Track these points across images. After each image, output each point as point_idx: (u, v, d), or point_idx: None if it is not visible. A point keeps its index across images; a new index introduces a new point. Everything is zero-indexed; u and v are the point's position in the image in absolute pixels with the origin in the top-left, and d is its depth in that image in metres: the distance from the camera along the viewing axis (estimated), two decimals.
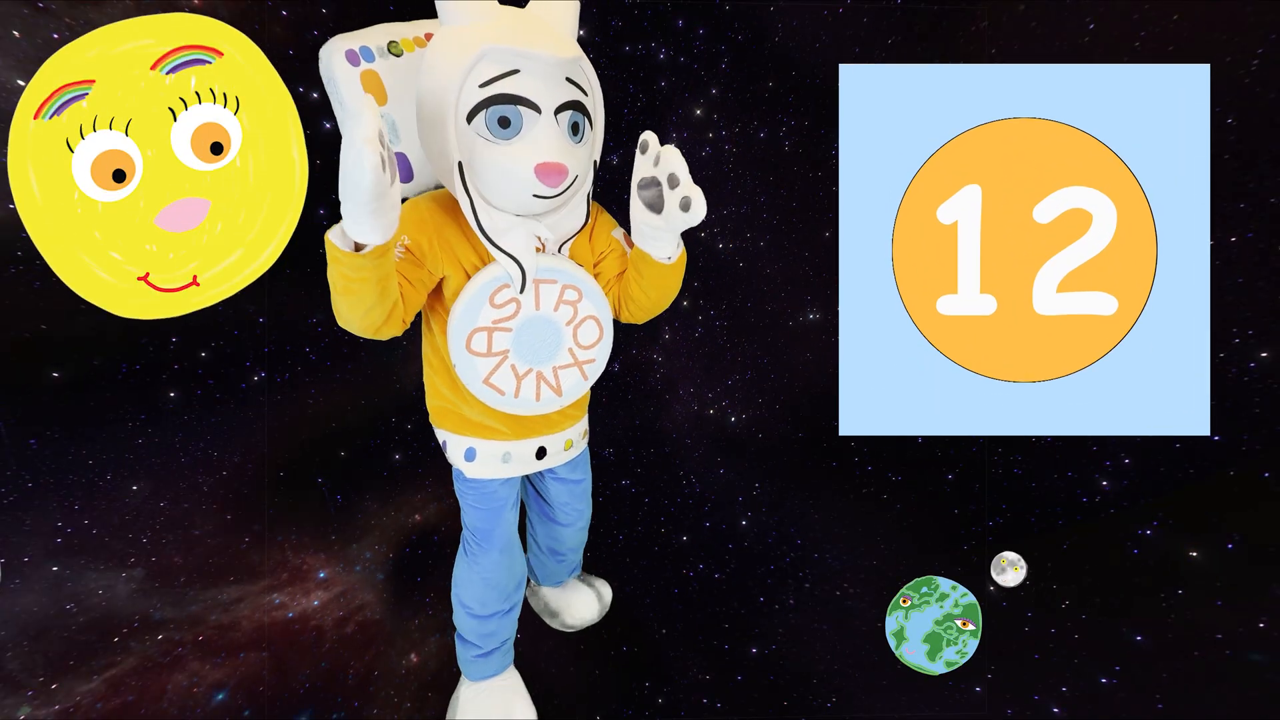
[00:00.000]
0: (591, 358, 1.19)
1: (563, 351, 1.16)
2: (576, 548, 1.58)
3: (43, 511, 1.58)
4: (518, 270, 1.08)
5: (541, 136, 1.03)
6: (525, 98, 1.02)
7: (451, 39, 1.04)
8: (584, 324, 1.16)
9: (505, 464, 1.24)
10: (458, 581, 1.38)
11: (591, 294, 1.16)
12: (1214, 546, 1.71)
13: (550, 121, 1.04)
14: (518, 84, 1.01)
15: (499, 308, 1.10)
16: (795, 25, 1.87)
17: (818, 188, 1.95)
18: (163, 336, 1.66)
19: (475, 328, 1.10)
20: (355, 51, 1.16)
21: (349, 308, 1.01)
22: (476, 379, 1.13)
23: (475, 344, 1.11)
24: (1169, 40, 1.64)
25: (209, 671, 1.74)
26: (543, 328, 1.13)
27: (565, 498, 1.42)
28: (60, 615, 1.60)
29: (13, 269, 1.48)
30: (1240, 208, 1.63)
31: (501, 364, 1.13)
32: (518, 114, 1.02)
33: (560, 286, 1.13)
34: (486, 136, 1.03)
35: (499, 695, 1.41)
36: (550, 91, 1.03)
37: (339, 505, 1.89)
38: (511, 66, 1.01)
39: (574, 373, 1.18)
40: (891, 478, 2.00)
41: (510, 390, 1.15)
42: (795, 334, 2.04)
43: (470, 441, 1.23)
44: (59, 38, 1.39)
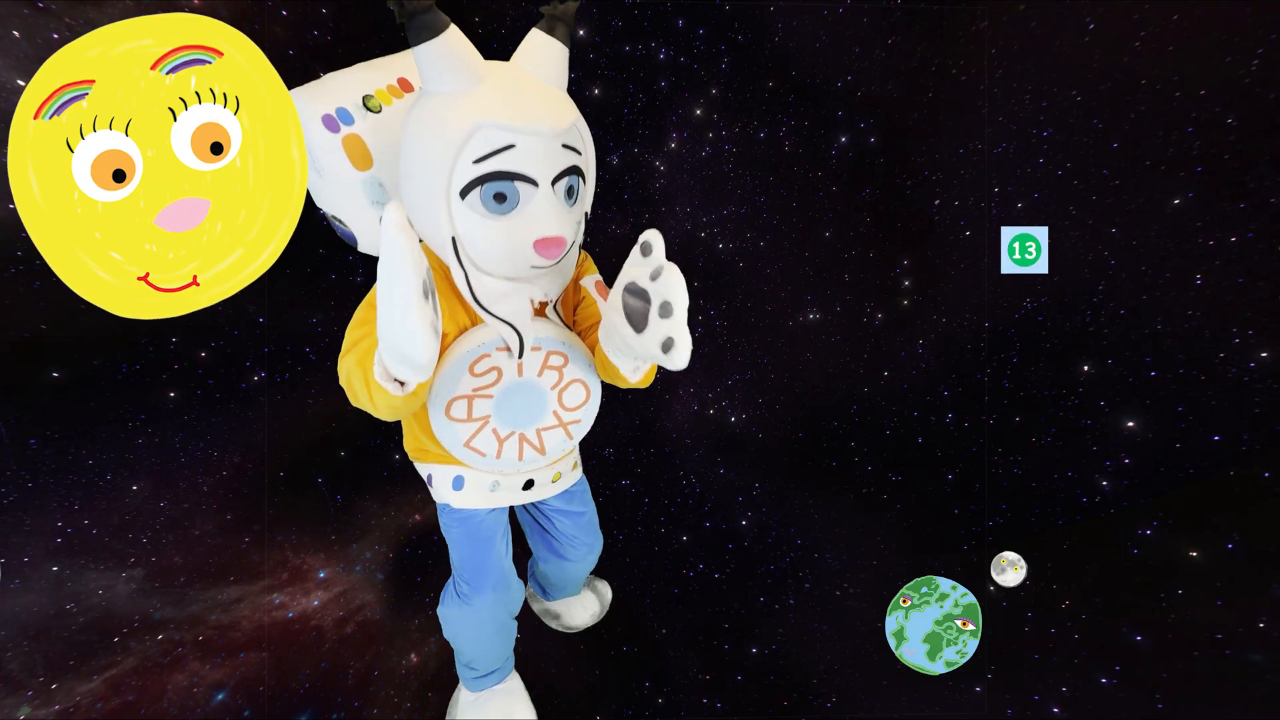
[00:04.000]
0: (577, 419, 1.14)
1: (547, 414, 1.11)
2: (585, 574, 1.54)
3: (43, 511, 1.58)
4: (515, 339, 1.03)
5: (539, 211, 0.97)
6: (522, 174, 0.95)
7: (439, 111, 0.96)
8: (570, 387, 1.11)
9: (494, 493, 1.20)
10: (449, 628, 1.33)
11: (577, 359, 1.10)
12: (1214, 546, 1.71)
13: (548, 193, 0.98)
14: (513, 160, 0.95)
15: (479, 376, 1.05)
16: (795, 25, 1.87)
17: (818, 188, 1.95)
18: (163, 336, 1.66)
19: (455, 396, 1.05)
20: (333, 116, 1.10)
21: (387, 416, 0.99)
22: (457, 443, 1.10)
23: (455, 411, 1.06)
24: (1169, 40, 1.64)
25: (209, 671, 1.74)
26: (526, 393, 1.08)
27: (572, 530, 1.37)
28: (60, 615, 1.60)
29: (13, 269, 1.48)
30: (1240, 208, 1.63)
31: (482, 429, 1.08)
32: (514, 190, 0.96)
33: (545, 353, 1.07)
34: (482, 212, 0.97)
35: (499, 697, 1.40)
36: (547, 162, 0.97)
37: (339, 505, 1.89)
38: (507, 142, 0.94)
39: (558, 433, 1.13)
40: (891, 478, 2.00)
41: (491, 453, 1.11)
42: (795, 334, 2.04)
43: (457, 470, 1.18)
44: (59, 38, 1.40)
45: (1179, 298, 1.70)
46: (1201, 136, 1.65)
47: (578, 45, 1.83)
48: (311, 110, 1.11)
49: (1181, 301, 1.70)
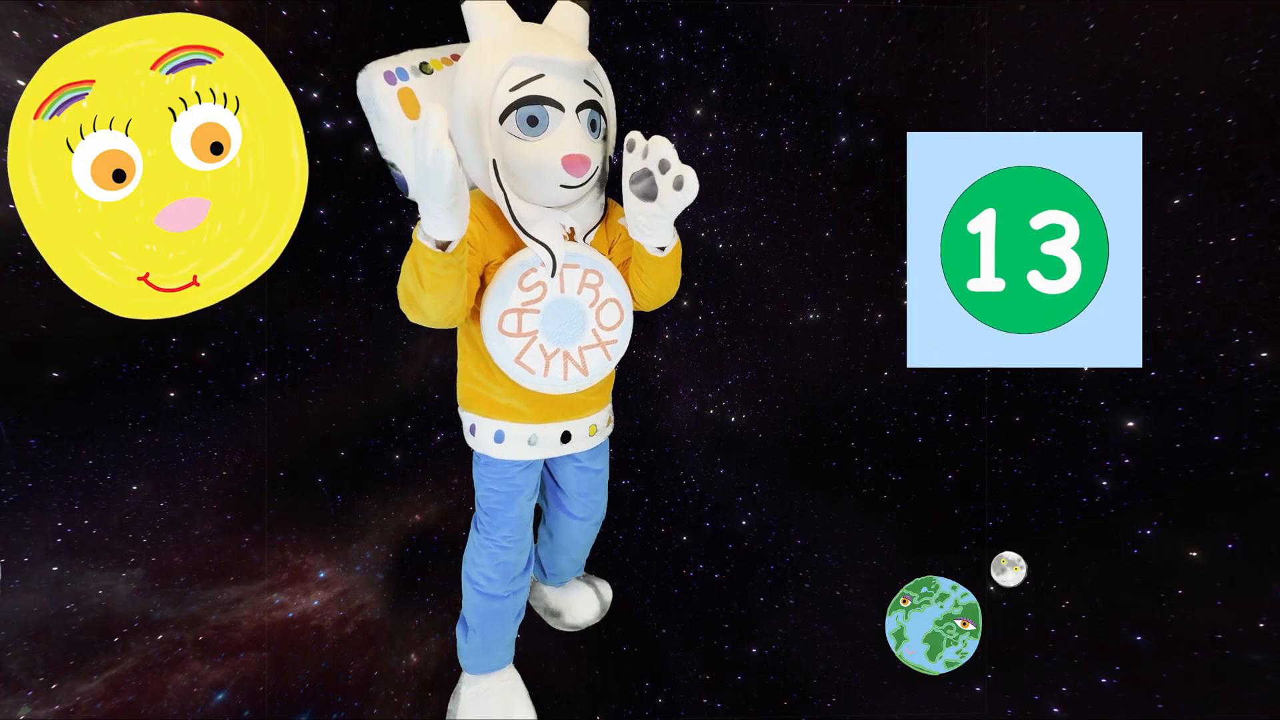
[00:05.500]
0: (614, 339, 1.27)
1: (587, 333, 1.24)
2: (586, 546, 1.58)
3: (43, 511, 1.58)
4: (548, 255, 1.17)
5: (566, 132, 1.14)
6: (550, 98, 1.13)
7: (483, 51, 1.15)
8: (605, 306, 1.24)
9: (531, 446, 1.31)
10: (468, 560, 1.43)
11: (611, 278, 1.25)
12: (1214, 546, 1.71)
13: (573, 118, 1.15)
14: (543, 86, 1.13)
15: (527, 290, 1.18)
16: (795, 25, 1.87)
17: (818, 188, 1.95)
18: (163, 336, 1.66)
19: (506, 309, 1.18)
20: (391, 72, 1.28)
21: (433, 303, 1.09)
22: (509, 358, 1.21)
23: (506, 325, 1.19)
24: (1169, 40, 1.64)
25: (209, 671, 1.74)
26: (568, 309, 1.21)
27: (585, 487, 1.46)
28: (60, 615, 1.60)
29: (13, 269, 1.48)
30: (1240, 208, 1.63)
31: (531, 344, 1.20)
32: (544, 113, 1.13)
33: (583, 271, 1.21)
34: (517, 135, 1.14)
35: (499, 696, 1.44)
36: (572, 91, 1.15)
37: (339, 505, 1.89)
38: (537, 71, 1.13)
39: (598, 353, 1.26)
40: (891, 478, 2.01)
41: (540, 369, 1.22)
42: (795, 334, 2.04)
43: (499, 424, 1.30)
44: (59, 38, 1.40)
45: (1179, 298, 1.70)
46: (1201, 136, 1.65)
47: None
48: (378, 68, 1.27)
49: (1181, 301, 1.70)
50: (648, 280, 1.25)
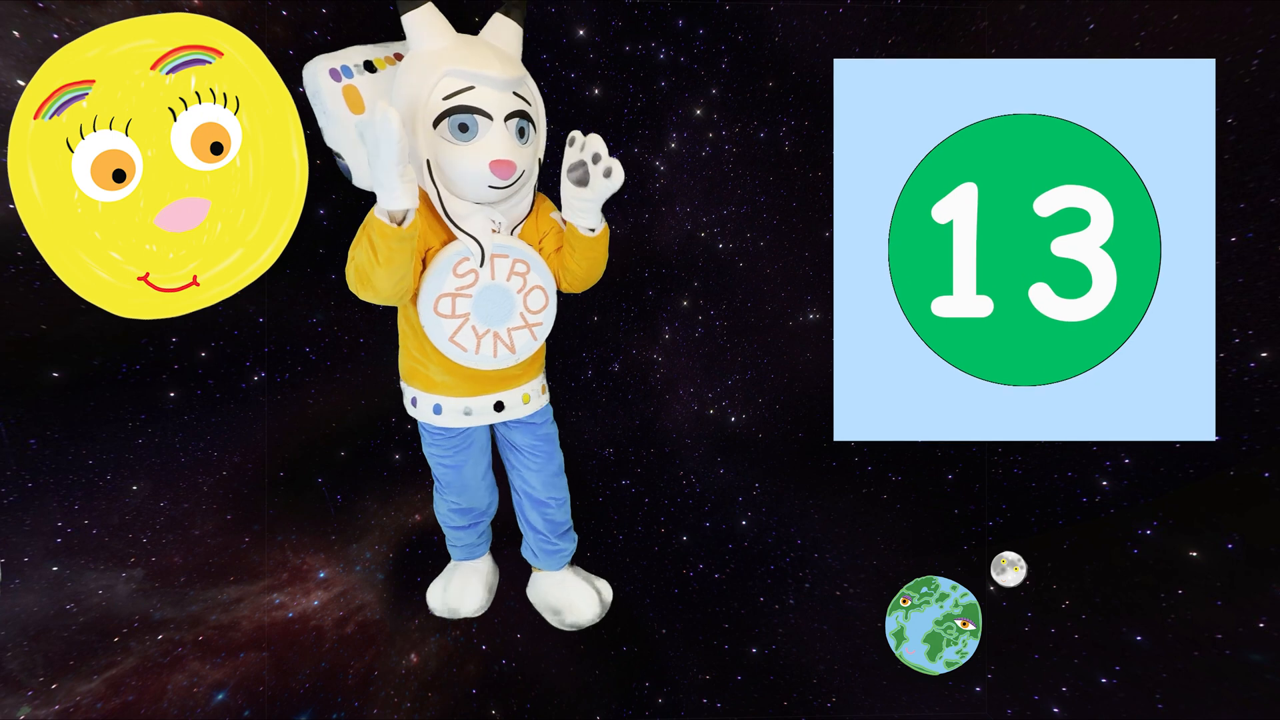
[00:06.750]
0: (540, 321, 1.40)
1: (515, 315, 1.36)
2: (558, 501, 1.62)
3: (43, 511, 1.59)
4: (477, 247, 1.29)
5: (494, 139, 1.25)
6: (479, 108, 1.25)
7: (420, 61, 1.27)
8: (532, 292, 1.37)
9: (467, 416, 1.43)
10: (436, 509, 1.65)
11: (538, 267, 1.37)
12: (1214, 546, 1.71)
13: (501, 127, 1.26)
14: (474, 97, 1.24)
15: (460, 276, 1.30)
16: (795, 25, 1.87)
17: (817, 188, 1.95)
18: (163, 336, 1.66)
19: (441, 293, 1.30)
20: (337, 69, 1.34)
21: (386, 277, 1.21)
22: (443, 337, 1.32)
23: (441, 307, 1.30)
24: (1169, 40, 1.64)
25: (209, 671, 1.74)
26: (498, 294, 1.33)
27: (531, 440, 1.56)
28: (60, 615, 1.61)
29: (13, 269, 1.48)
30: (1240, 208, 1.63)
31: (463, 325, 1.32)
32: (474, 121, 1.24)
33: (512, 260, 1.33)
34: (449, 139, 1.25)
35: (459, 581, 1.67)
36: (500, 102, 1.26)
37: (339, 505, 1.90)
38: (468, 83, 1.24)
39: (525, 334, 1.38)
40: (891, 478, 2.00)
41: (471, 348, 1.33)
42: (795, 334, 2.04)
43: (436, 398, 1.43)
44: (59, 38, 1.40)
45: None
46: None
47: (577, 45, 1.86)
48: (325, 64, 1.33)
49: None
50: (579, 260, 1.38)
